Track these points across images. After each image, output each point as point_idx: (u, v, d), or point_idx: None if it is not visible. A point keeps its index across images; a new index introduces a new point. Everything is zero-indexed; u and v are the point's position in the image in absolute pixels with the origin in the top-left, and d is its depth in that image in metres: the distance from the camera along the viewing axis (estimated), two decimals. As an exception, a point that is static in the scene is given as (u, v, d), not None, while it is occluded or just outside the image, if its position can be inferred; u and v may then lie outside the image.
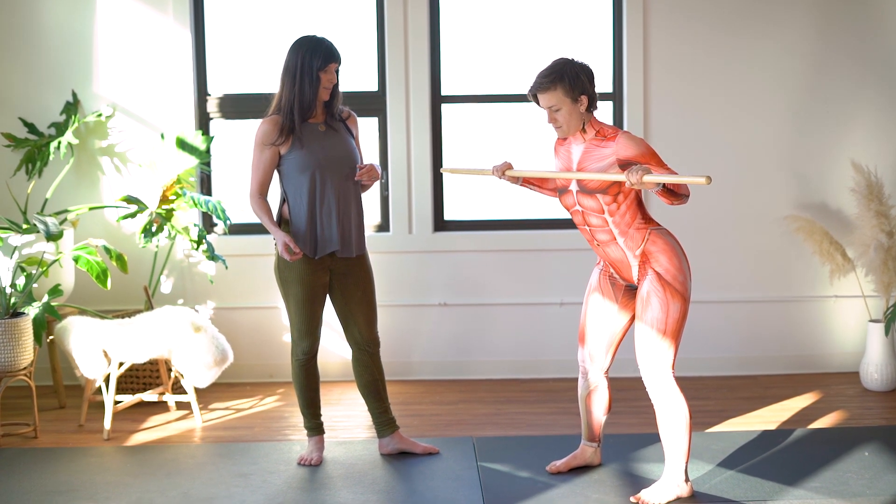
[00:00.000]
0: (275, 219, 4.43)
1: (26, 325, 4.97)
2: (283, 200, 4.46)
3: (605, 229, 4.08)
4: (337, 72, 4.42)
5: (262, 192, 4.43)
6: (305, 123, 4.42)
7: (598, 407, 4.38)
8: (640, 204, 4.07)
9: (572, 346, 5.60)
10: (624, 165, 3.96)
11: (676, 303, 4.02)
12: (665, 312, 4.01)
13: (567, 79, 3.99)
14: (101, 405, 5.48)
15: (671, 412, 4.05)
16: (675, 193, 3.89)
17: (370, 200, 5.97)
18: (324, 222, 4.41)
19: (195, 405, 5.24)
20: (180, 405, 5.53)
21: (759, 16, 5.88)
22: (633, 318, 4.23)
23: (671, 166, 5.85)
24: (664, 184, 3.80)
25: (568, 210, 4.18)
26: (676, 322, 4.02)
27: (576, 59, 4.06)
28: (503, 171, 4.28)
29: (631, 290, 4.21)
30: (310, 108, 4.39)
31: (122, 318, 5.48)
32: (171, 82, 5.94)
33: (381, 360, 4.66)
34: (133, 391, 5.59)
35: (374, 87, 6.00)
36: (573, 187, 4.10)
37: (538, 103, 4.06)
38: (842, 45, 5.90)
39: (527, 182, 4.35)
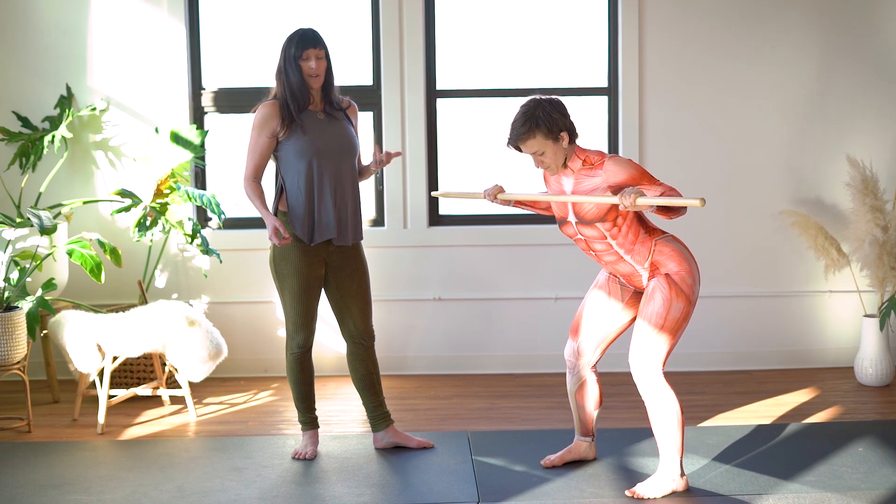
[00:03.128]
0: (270, 205, 4.42)
1: (20, 320, 4.97)
2: (281, 187, 4.45)
3: (611, 251, 4.07)
4: (324, 58, 4.39)
5: (256, 176, 4.42)
6: (305, 111, 4.42)
7: (589, 402, 4.37)
8: (640, 219, 4.06)
9: (567, 340, 5.60)
10: (616, 191, 3.93)
11: (680, 303, 4.00)
12: (666, 308, 3.99)
13: (543, 122, 3.95)
14: (95, 399, 5.46)
15: (662, 408, 4.05)
16: (671, 209, 3.87)
17: (365, 195, 5.96)
18: (321, 209, 4.40)
19: (189, 399, 5.23)
20: (174, 399, 5.52)
21: (755, 10, 5.87)
22: (633, 319, 4.23)
23: (666, 162, 5.89)
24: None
25: (570, 238, 4.16)
26: (676, 321, 4.00)
27: (543, 98, 4.01)
28: (494, 194, 4.27)
29: (639, 294, 4.20)
30: (303, 97, 4.39)
31: (117, 312, 5.46)
32: (165, 76, 5.92)
33: (376, 354, 4.66)
34: (127, 385, 5.58)
35: (369, 82, 5.99)
36: (572, 218, 4.07)
37: (520, 151, 4.03)
38: (838, 40, 5.89)
39: (519, 203, 4.32)
